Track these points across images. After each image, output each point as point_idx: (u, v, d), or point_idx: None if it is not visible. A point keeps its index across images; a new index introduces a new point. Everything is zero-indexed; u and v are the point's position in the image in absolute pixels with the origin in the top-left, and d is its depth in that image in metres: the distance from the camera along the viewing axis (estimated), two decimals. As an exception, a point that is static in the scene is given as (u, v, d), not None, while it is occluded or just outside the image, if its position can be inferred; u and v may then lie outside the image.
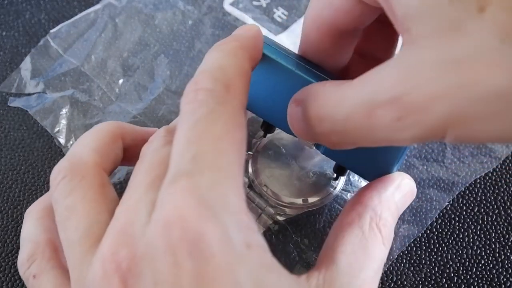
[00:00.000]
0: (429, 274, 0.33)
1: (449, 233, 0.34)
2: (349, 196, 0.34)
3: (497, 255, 0.34)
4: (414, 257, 0.34)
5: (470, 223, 0.35)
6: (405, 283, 0.33)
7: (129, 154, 0.29)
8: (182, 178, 0.21)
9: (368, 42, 0.29)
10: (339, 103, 0.22)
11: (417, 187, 0.30)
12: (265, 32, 0.41)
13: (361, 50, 0.30)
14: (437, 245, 0.34)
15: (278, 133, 0.35)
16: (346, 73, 0.30)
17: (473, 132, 0.19)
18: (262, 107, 0.28)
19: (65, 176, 0.25)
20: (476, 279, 0.33)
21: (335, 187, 0.34)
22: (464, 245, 0.34)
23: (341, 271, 0.25)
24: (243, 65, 0.24)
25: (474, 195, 0.35)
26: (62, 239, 0.24)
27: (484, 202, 0.35)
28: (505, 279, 0.33)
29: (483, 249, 0.34)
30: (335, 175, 0.32)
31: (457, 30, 0.19)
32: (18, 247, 0.31)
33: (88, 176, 0.25)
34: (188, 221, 0.20)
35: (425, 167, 0.36)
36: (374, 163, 0.24)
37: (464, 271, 0.33)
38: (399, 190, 0.28)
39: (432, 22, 0.20)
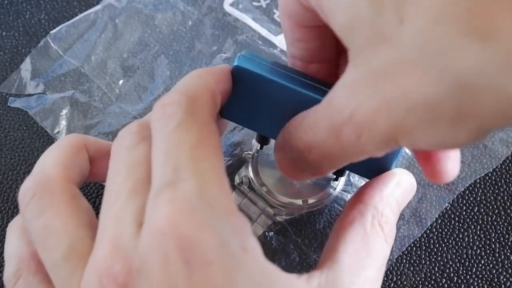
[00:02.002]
0: (429, 274, 0.33)
1: (449, 233, 0.34)
2: (349, 197, 0.34)
3: (497, 255, 0.34)
4: (414, 257, 0.34)
5: (470, 223, 0.35)
6: (405, 283, 0.33)
7: (95, 168, 0.28)
8: (168, 189, 0.21)
9: None
10: (315, 129, 0.23)
11: (417, 187, 0.30)
12: (265, 32, 0.41)
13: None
14: (437, 245, 0.34)
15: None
16: (334, 75, 0.30)
17: (416, 141, 0.20)
18: (255, 121, 0.28)
19: (34, 195, 0.24)
20: (476, 279, 0.33)
21: (335, 188, 0.34)
22: (464, 245, 0.34)
23: (344, 270, 0.25)
24: (208, 83, 0.24)
25: (474, 195, 0.35)
26: (44, 259, 0.24)
27: (484, 202, 0.35)
28: (505, 279, 0.33)
29: (483, 249, 0.34)
30: (334, 176, 0.32)
31: (384, 41, 0.19)
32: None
33: (58, 192, 0.24)
34: (181, 230, 0.20)
35: (425, 167, 0.36)
36: (372, 161, 0.25)
37: (464, 271, 0.33)
38: (399, 187, 0.28)
39: (363, 36, 0.20)
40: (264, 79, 0.26)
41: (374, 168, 0.28)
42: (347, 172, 0.33)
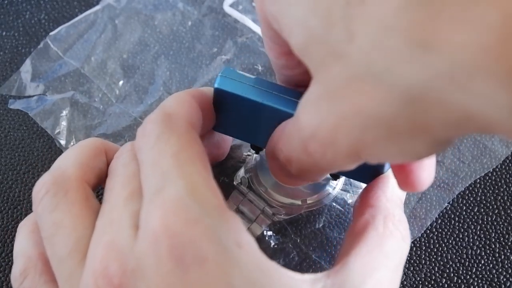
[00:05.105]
0: (429, 274, 0.33)
1: (449, 233, 0.34)
2: (348, 196, 0.34)
3: (497, 255, 0.34)
4: (414, 257, 0.34)
5: (470, 223, 0.35)
6: (405, 283, 0.33)
7: None
8: (159, 193, 0.21)
9: None
10: (289, 143, 0.24)
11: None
12: (265, 33, 0.41)
13: None
14: (437, 245, 0.34)
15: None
16: None
17: (378, 155, 0.20)
18: (244, 133, 0.29)
19: (49, 191, 0.25)
20: (476, 279, 0.33)
21: (334, 188, 0.34)
22: (464, 245, 0.34)
23: (354, 272, 0.24)
24: (185, 98, 0.25)
25: (474, 195, 0.35)
26: (49, 255, 0.24)
27: (484, 202, 0.35)
28: (505, 279, 0.33)
29: (483, 249, 0.34)
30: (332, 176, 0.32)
31: (337, 59, 0.19)
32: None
33: (72, 190, 0.25)
34: (173, 228, 0.20)
35: (424, 167, 0.36)
36: (366, 166, 0.25)
37: (464, 271, 0.33)
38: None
39: (317, 54, 0.20)
40: (243, 99, 0.27)
41: (367, 173, 0.29)
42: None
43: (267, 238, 0.33)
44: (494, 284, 0.33)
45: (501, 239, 0.34)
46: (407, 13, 0.16)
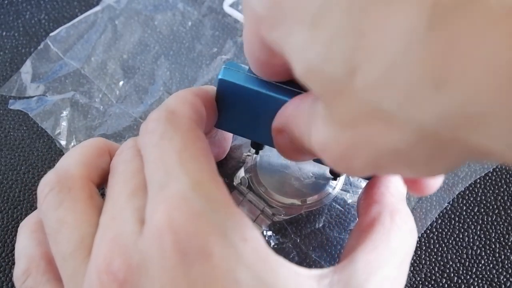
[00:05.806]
0: (429, 274, 0.33)
1: (449, 233, 0.34)
2: (348, 196, 0.34)
3: (497, 255, 0.34)
4: (414, 257, 0.34)
5: (470, 223, 0.35)
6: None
7: None
8: (163, 190, 0.21)
9: None
10: (301, 133, 0.23)
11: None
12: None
13: None
14: (437, 245, 0.34)
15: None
16: None
17: (392, 173, 0.20)
18: (246, 129, 0.29)
19: (53, 188, 0.25)
20: (476, 279, 0.33)
21: (334, 187, 0.34)
22: (464, 245, 0.34)
23: (359, 268, 0.24)
24: (188, 96, 0.25)
25: (474, 195, 0.35)
26: (54, 252, 0.24)
27: (484, 202, 0.35)
28: (505, 279, 0.33)
29: (483, 249, 0.34)
30: (332, 176, 0.32)
31: (339, 93, 0.18)
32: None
33: (76, 188, 0.25)
34: (177, 223, 0.20)
35: (424, 167, 0.36)
36: None
37: (464, 271, 0.33)
38: (399, 180, 0.28)
39: (319, 85, 0.19)
40: (248, 90, 0.27)
41: None
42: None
43: (267, 238, 0.33)
44: (494, 284, 0.33)
45: (501, 239, 0.34)
46: (418, 47, 0.15)
